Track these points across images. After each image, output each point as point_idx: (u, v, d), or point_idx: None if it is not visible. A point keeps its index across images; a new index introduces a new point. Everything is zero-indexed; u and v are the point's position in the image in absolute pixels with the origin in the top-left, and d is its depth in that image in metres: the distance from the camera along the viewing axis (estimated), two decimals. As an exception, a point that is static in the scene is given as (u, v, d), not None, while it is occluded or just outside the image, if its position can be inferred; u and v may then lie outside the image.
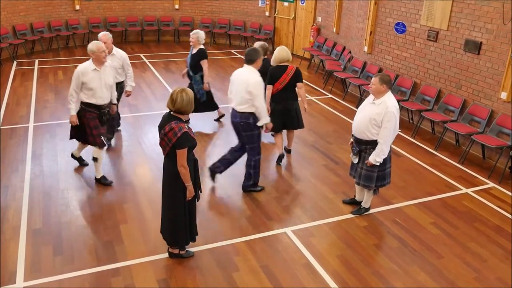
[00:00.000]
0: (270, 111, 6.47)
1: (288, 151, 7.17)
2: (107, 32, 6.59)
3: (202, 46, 7.62)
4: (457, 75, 7.71)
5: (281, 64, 6.45)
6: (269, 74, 6.43)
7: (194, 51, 7.62)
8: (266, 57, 6.80)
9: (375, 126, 4.97)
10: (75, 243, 4.82)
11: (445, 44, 7.87)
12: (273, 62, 6.53)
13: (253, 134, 5.66)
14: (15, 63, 11.73)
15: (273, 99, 6.50)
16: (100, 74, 5.76)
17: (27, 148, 6.95)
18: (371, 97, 5.08)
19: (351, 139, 5.33)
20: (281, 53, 6.46)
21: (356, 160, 5.29)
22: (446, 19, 7.75)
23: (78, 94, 5.75)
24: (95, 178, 6.06)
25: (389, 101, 4.92)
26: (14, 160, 6.58)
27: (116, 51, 6.84)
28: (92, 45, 5.71)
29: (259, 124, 5.64)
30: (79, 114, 5.86)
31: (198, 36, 7.51)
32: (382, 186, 5.35)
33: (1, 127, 7.67)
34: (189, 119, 4.31)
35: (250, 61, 5.50)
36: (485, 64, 7.18)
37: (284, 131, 6.96)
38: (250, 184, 5.95)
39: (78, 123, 5.84)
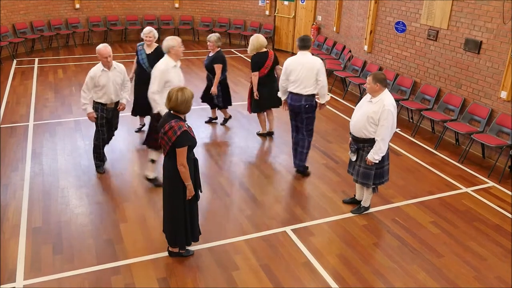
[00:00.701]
0: (258, 95, 7.05)
1: (272, 133, 7.68)
2: (107, 45, 5.83)
3: (157, 44, 7.33)
4: (457, 74, 7.70)
5: (261, 51, 6.94)
6: (253, 61, 6.96)
7: (149, 50, 7.24)
8: (220, 48, 7.45)
9: (372, 124, 4.98)
10: (75, 242, 4.83)
11: (445, 43, 7.87)
12: (252, 50, 6.97)
13: (314, 117, 6.18)
14: (15, 61, 11.72)
15: (260, 82, 7.03)
16: (178, 70, 5.30)
17: (27, 147, 6.94)
18: (368, 96, 5.09)
19: (350, 138, 5.34)
20: (259, 40, 6.93)
21: (354, 158, 5.30)
22: (446, 18, 7.75)
23: (161, 95, 5.07)
24: (148, 178, 5.93)
25: (386, 99, 4.93)
26: (14, 158, 6.57)
27: (116, 64, 6.01)
28: (170, 41, 5.22)
29: (321, 101, 6.19)
30: (154, 118, 5.42)
31: (154, 34, 7.25)
32: (381, 183, 5.35)
33: (1, 126, 7.67)
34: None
35: (306, 46, 5.99)
36: (485, 63, 7.18)
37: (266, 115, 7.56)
38: (304, 164, 6.31)
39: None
